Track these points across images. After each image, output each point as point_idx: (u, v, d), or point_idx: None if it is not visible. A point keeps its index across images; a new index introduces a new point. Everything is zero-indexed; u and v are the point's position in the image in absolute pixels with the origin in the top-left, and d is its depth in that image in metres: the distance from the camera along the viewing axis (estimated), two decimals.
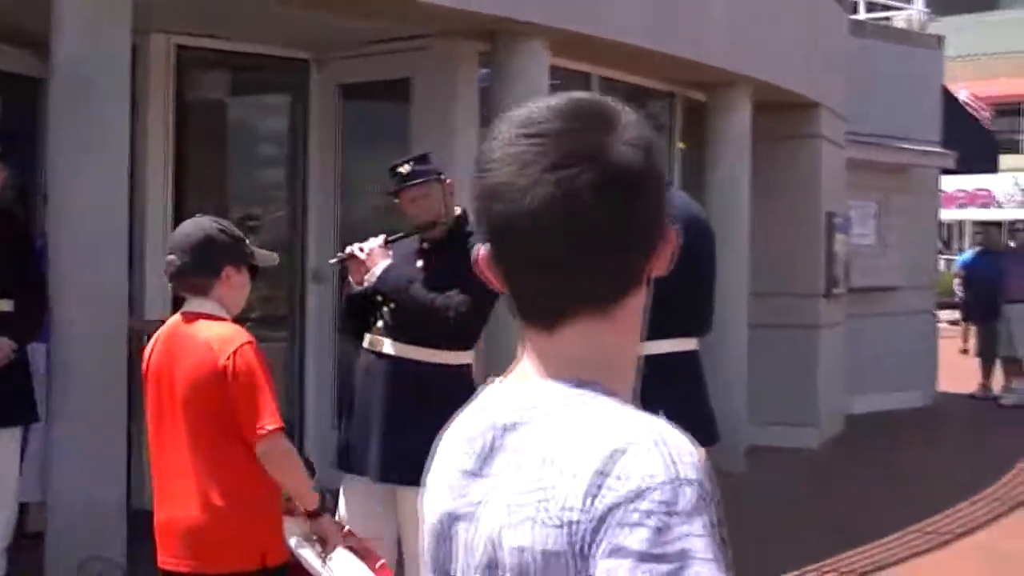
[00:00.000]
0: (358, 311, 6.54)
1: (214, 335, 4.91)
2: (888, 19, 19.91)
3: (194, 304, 5.04)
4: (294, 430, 10.08)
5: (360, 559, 5.37)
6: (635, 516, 1.56)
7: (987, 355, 18.49)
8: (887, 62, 16.83)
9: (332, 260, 6.68)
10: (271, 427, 4.81)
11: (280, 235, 11.30)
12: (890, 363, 16.60)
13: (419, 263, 6.45)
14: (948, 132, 18.18)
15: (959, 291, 20.64)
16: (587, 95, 1.81)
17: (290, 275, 11.14)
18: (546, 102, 1.77)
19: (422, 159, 6.53)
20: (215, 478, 4.89)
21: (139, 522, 7.68)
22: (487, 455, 1.77)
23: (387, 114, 11.68)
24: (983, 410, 17.65)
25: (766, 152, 13.34)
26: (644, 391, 5.81)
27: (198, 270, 5.00)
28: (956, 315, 22.82)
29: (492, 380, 1.86)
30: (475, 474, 1.78)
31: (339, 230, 11.18)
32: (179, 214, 10.01)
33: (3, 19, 8.71)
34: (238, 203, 11.41)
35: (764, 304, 13.37)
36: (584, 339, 1.76)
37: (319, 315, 11.29)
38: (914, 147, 17.21)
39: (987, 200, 47.56)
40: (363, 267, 6.37)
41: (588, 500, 1.60)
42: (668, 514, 1.56)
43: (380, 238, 6.45)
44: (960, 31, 37.52)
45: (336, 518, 5.86)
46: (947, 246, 41.23)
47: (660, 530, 1.55)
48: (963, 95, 30.59)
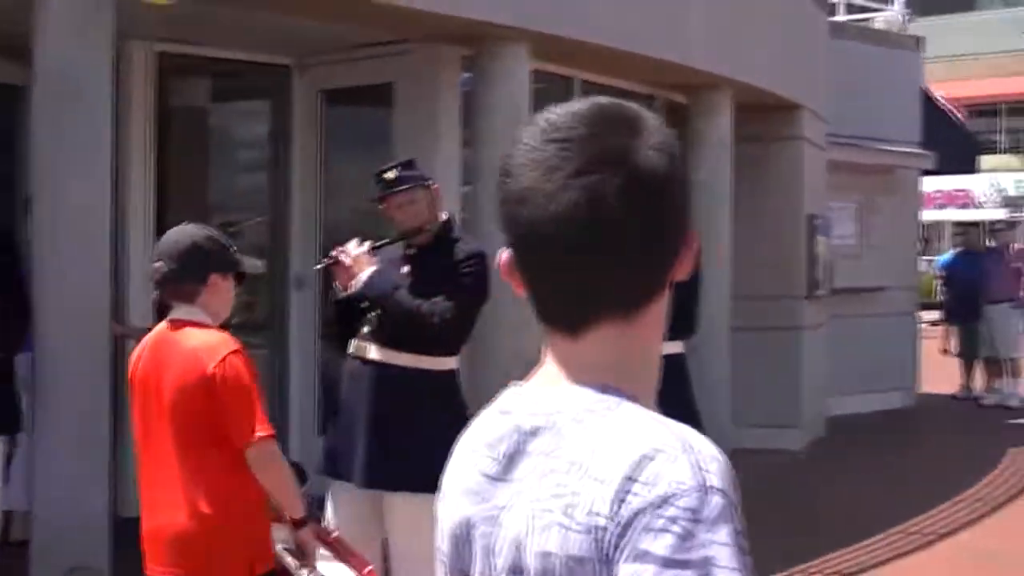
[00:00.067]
0: (343, 317, 6.53)
1: (201, 343, 4.91)
2: (867, 21, 19.96)
3: (181, 311, 5.03)
4: (277, 436, 10.04)
5: (348, 565, 5.37)
6: (661, 522, 1.57)
7: (968, 356, 18.52)
8: (867, 64, 16.87)
9: (317, 265, 6.68)
10: (261, 434, 4.81)
11: (262, 241, 11.27)
12: (872, 364, 16.63)
13: (405, 269, 6.44)
14: (927, 133, 18.23)
15: (940, 292, 20.69)
16: (610, 100, 1.80)
17: (272, 281, 11.12)
18: (570, 107, 1.77)
19: (408, 165, 6.52)
20: (202, 486, 4.88)
21: (124, 530, 7.70)
22: (510, 460, 1.76)
23: (369, 119, 11.68)
24: (964, 411, 17.70)
25: (747, 154, 13.36)
26: None
27: (185, 277, 5.00)
28: (937, 316, 22.87)
29: (512, 384, 1.86)
30: (498, 479, 1.77)
31: (322, 236, 11.16)
32: (161, 221, 10.00)
33: None
34: (220, 209, 11.39)
35: (746, 306, 13.38)
36: (608, 344, 1.75)
37: (301, 321, 11.27)
38: (894, 148, 17.25)
39: (966, 201, 47.73)
40: (349, 273, 6.36)
41: (615, 506, 1.60)
42: (694, 521, 1.57)
43: (366, 244, 6.44)
44: (936, 32, 37.59)
45: (323, 523, 5.86)
46: (927, 247, 41.28)
47: (685, 536, 1.56)
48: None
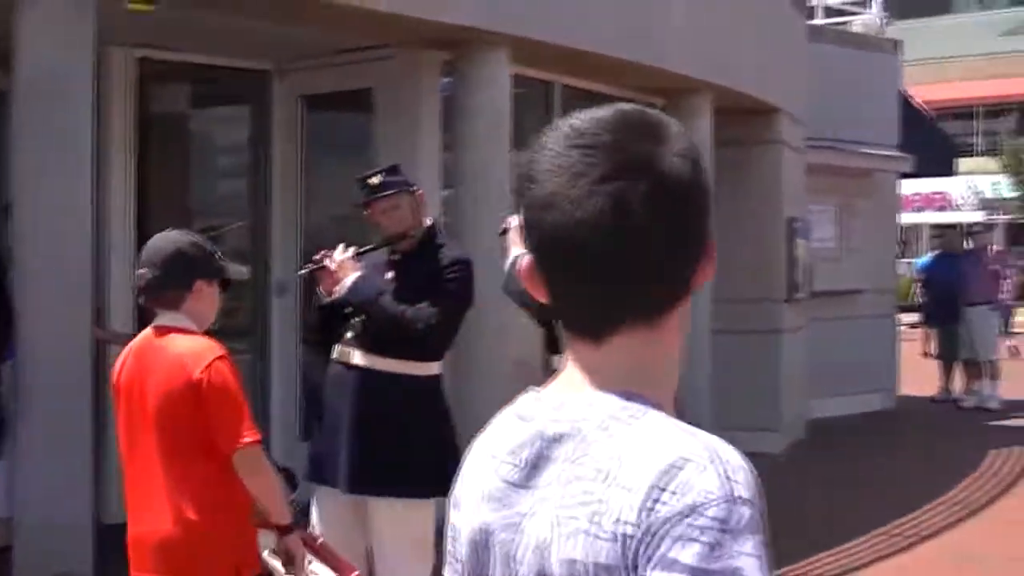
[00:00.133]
0: (327, 322, 6.53)
1: (187, 349, 4.90)
2: (846, 24, 20.01)
3: (166, 318, 5.03)
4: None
5: (334, 571, 5.37)
6: (689, 531, 1.57)
7: (947, 358, 18.57)
8: (845, 67, 16.92)
9: (302, 270, 6.67)
10: (248, 439, 4.81)
11: (243, 247, 11.26)
12: (851, 367, 16.67)
13: (389, 274, 6.45)
14: (906, 136, 18.29)
15: (919, 295, 20.75)
16: (633, 107, 1.80)
17: (253, 287, 11.11)
18: (594, 114, 1.77)
19: (392, 170, 6.52)
20: (188, 492, 4.87)
21: (107, 537, 7.68)
22: (533, 466, 1.75)
23: (350, 124, 11.68)
24: (944, 413, 17.74)
25: (727, 158, 13.36)
26: None
27: (170, 284, 4.99)
28: (916, 318, 22.94)
29: (530, 390, 1.85)
30: (520, 485, 1.76)
31: (303, 242, 11.16)
32: (142, 226, 9.98)
33: None
34: (201, 215, 11.38)
35: (726, 309, 13.39)
36: (632, 351, 1.75)
37: (283, 327, 11.25)
38: (873, 151, 17.30)
39: (943, 203, 47.90)
40: (333, 278, 6.36)
41: (643, 514, 1.60)
42: (722, 531, 1.57)
43: (351, 249, 6.44)
44: (913, 35, 37.72)
45: (309, 529, 5.86)
46: (905, 249, 41.40)
47: (713, 546, 1.56)
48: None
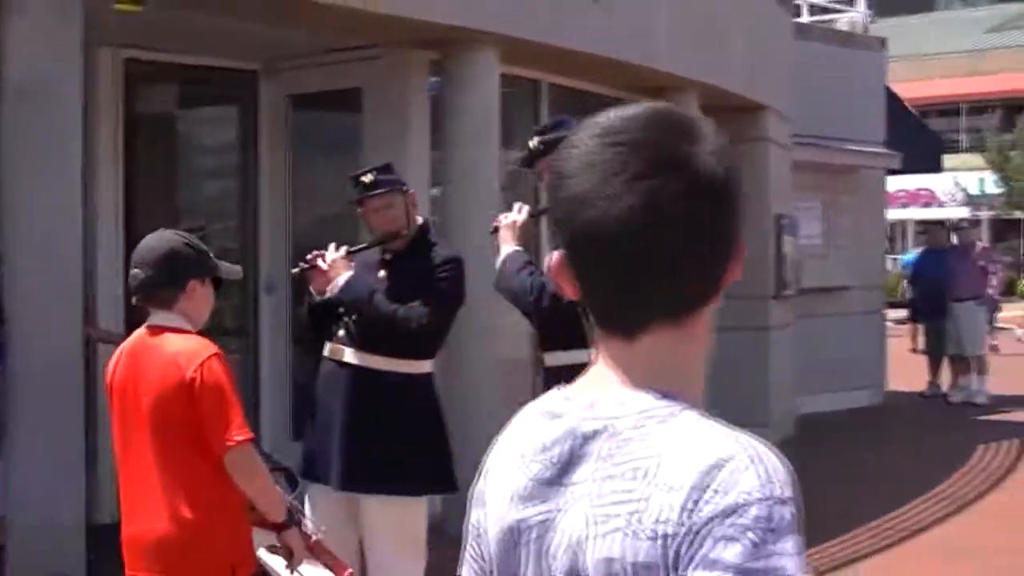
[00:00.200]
0: (319, 321, 6.54)
1: (180, 348, 4.90)
2: (831, 22, 20.03)
3: (159, 317, 5.03)
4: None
5: (328, 569, 5.38)
6: (732, 531, 1.58)
7: (935, 353, 18.60)
8: (831, 64, 16.95)
9: (294, 269, 6.68)
10: (239, 438, 4.81)
11: (232, 246, 11.25)
12: (840, 363, 16.69)
13: (381, 273, 6.46)
14: (892, 133, 18.32)
15: (907, 290, 20.80)
16: (665, 105, 1.81)
17: (242, 286, 11.09)
18: (625, 112, 1.78)
19: (385, 169, 6.53)
20: (183, 491, 4.87)
21: (99, 537, 7.68)
22: (566, 464, 1.75)
23: (338, 124, 11.69)
24: (932, 408, 17.77)
25: None
26: None
27: (163, 283, 4.99)
28: (903, 314, 22.98)
29: (558, 387, 1.85)
30: (552, 483, 1.76)
31: (291, 241, 11.17)
32: (130, 226, 9.99)
33: None
34: (189, 215, 11.36)
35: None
36: (663, 349, 1.76)
37: (272, 326, 11.27)
38: (859, 148, 17.33)
39: (929, 199, 47.99)
40: (325, 277, 6.37)
41: (685, 514, 1.60)
42: (765, 531, 1.58)
43: (343, 249, 6.45)
44: (897, 32, 37.78)
45: (304, 526, 5.86)
46: (891, 246, 41.49)
47: (757, 545, 1.57)
48: None
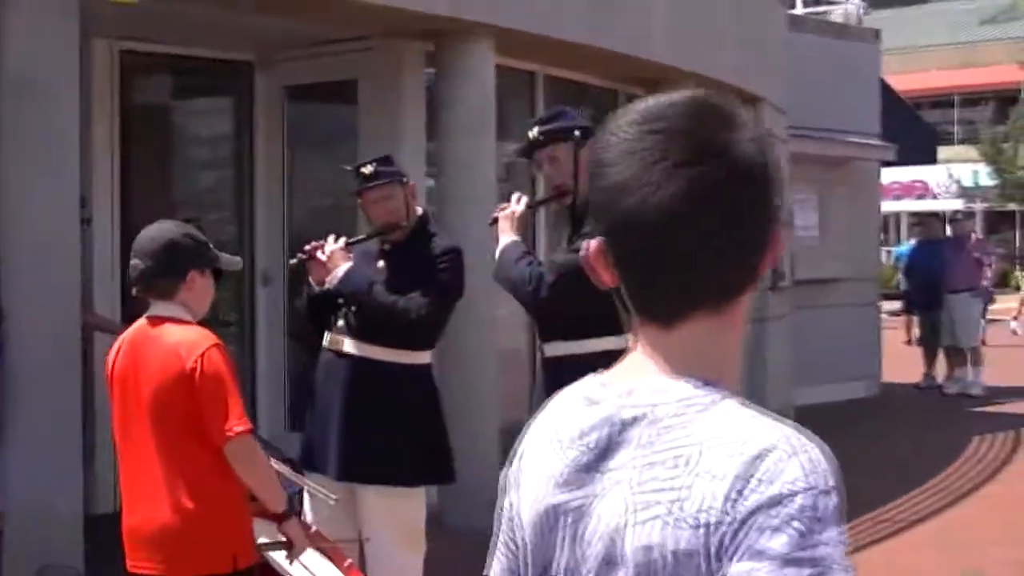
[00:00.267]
0: (318, 311, 6.54)
1: (181, 339, 4.90)
2: (825, 14, 20.05)
3: (159, 308, 5.02)
4: None
5: (328, 559, 5.38)
6: (778, 520, 1.58)
7: (930, 345, 18.62)
8: (825, 56, 16.96)
9: (292, 260, 6.67)
10: (239, 429, 4.81)
11: (228, 238, 11.24)
12: (835, 354, 16.71)
13: (380, 263, 6.46)
14: (886, 125, 18.33)
15: (902, 282, 20.83)
16: (704, 92, 1.81)
17: (239, 278, 11.08)
18: (664, 99, 1.78)
19: (385, 160, 6.52)
20: (184, 481, 4.87)
21: (96, 528, 7.68)
22: (605, 449, 1.75)
23: (334, 116, 11.68)
24: (927, 400, 17.80)
25: None
26: None
27: (163, 274, 4.98)
28: (897, 306, 23.01)
29: (594, 374, 1.85)
30: (590, 468, 1.76)
31: (287, 232, 11.17)
32: (126, 218, 9.98)
33: None
34: (185, 206, 11.35)
35: None
36: (702, 336, 1.76)
37: (269, 317, 11.27)
38: (854, 140, 17.34)
39: (923, 191, 48.02)
40: (324, 268, 6.37)
41: (728, 503, 1.60)
42: (811, 520, 1.58)
43: (342, 240, 6.44)
44: (890, 24, 37.80)
45: (302, 517, 5.87)
46: (884, 238, 41.52)
47: (803, 535, 1.57)
48: None
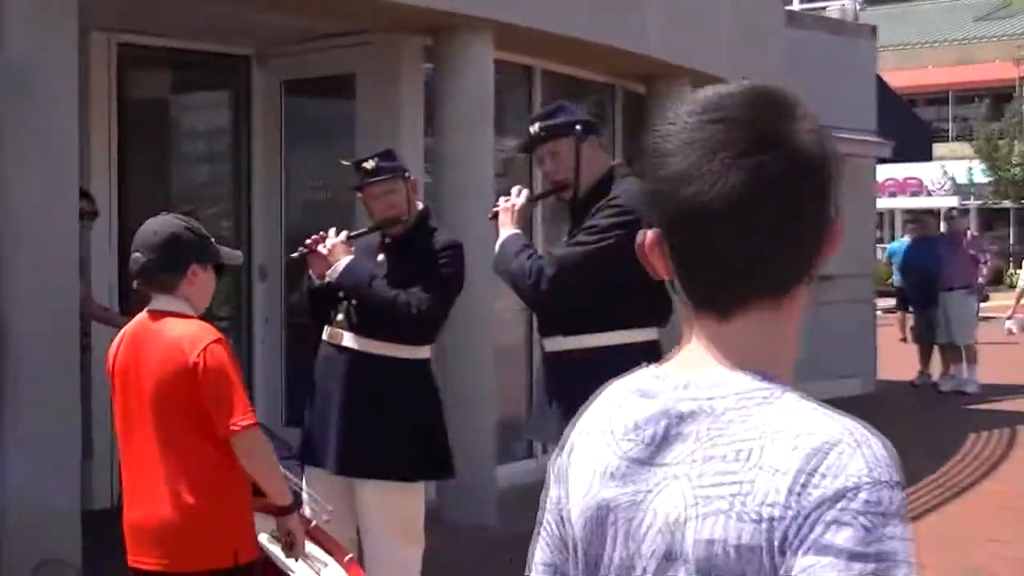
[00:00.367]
0: (319, 305, 6.53)
1: (183, 333, 4.89)
2: (821, 10, 20.05)
3: (160, 302, 5.02)
4: None
5: (328, 553, 5.38)
6: (842, 515, 1.58)
7: (925, 342, 18.63)
8: (822, 52, 16.96)
9: (293, 254, 6.67)
10: (245, 423, 4.81)
11: (225, 232, 11.23)
12: (831, 351, 16.70)
13: (380, 258, 6.46)
14: (882, 121, 18.33)
15: (897, 279, 20.86)
16: (762, 83, 1.81)
17: (236, 272, 11.07)
18: (723, 88, 1.78)
19: (386, 155, 6.52)
20: (185, 476, 4.87)
21: (94, 524, 7.68)
22: (660, 444, 1.74)
23: (331, 110, 11.67)
24: (923, 397, 17.81)
25: None
26: (609, 380, 5.81)
27: (164, 268, 4.98)
28: (891, 303, 23.03)
29: (645, 366, 1.84)
30: (645, 462, 1.75)
31: (284, 227, 11.17)
32: (123, 212, 9.97)
33: None
34: (182, 200, 11.31)
35: None
36: (759, 328, 1.75)
37: (266, 312, 11.26)
38: (850, 136, 17.33)
39: (917, 188, 48.08)
40: (324, 262, 6.37)
41: (792, 497, 1.60)
42: (876, 515, 1.58)
43: (343, 233, 6.44)
44: (886, 21, 37.83)
45: (301, 512, 5.86)
46: (879, 235, 41.56)
47: (869, 530, 1.57)
48: None
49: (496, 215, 6.17)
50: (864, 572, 1.55)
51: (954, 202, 42.86)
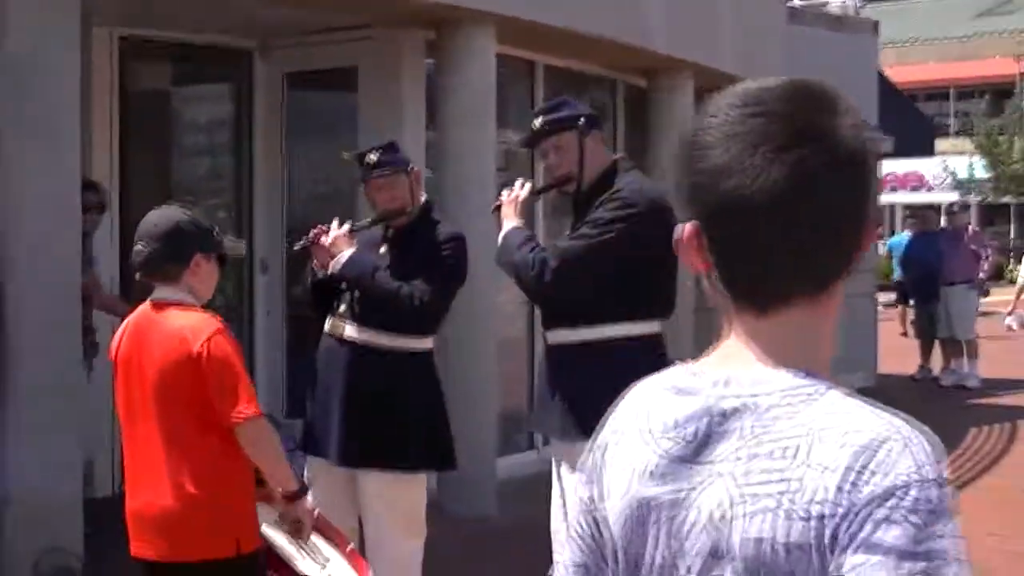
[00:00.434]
0: (321, 296, 6.54)
1: (186, 323, 4.90)
2: (823, 5, 20.06)
3: (163, 292, 5.03)
4: None
5: (330, 544, 5.38)
6: (893, 513, 1.58)
7: (926, 337, 18.62)
8: (823, 48, 16.94)
9: (296, 246, 6.67)
10: (250, 412, 4.82)
11: (226, 224, 11.24)
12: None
13: (382, 249, 6.46)
14: (883, 117, 18.31)
15: (898, 273, 20.86)
16: (801, 78, 1.80)
17: (237, 264, 11.08)
18: (764, 83, 1.78)
19: (389, 148, 6.52)
20: (188, 465, 4.88)
21: (96, 512, 7.69)
22: (703, 441, 1.73)
23: (334, 103, 11.67)
24: (924, 391, 17.79)
25: None
26: (612, 373, 5.83)
27: (168, 258, 4.99)
28: (892, 297, 23.02)
29: (679, 362, 1.84)
30: (688, 460, 1.74)
31: (285, 219, 11.17)
32: (124, 205, 9.97)
33: None
34: (184, 193, 11.31)
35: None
36: (799, 323, 1.75)
37: (267, 304, 11.27)
38: None
39: (918, 183, 48.06)
40: (327, 253, 6.37)
41: (842, 494, 1.60)
42: (926, 512, 1.58)
43: (346, 225, 6.45)
44: (887, 16, 37.79)
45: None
46: (881, 229, 41.50)
47: (921, 528, 1.57)
48: None
49: (499, 208, 6.17)
50: (914, 571, 1.55)
51: (955, 197, 42.83)
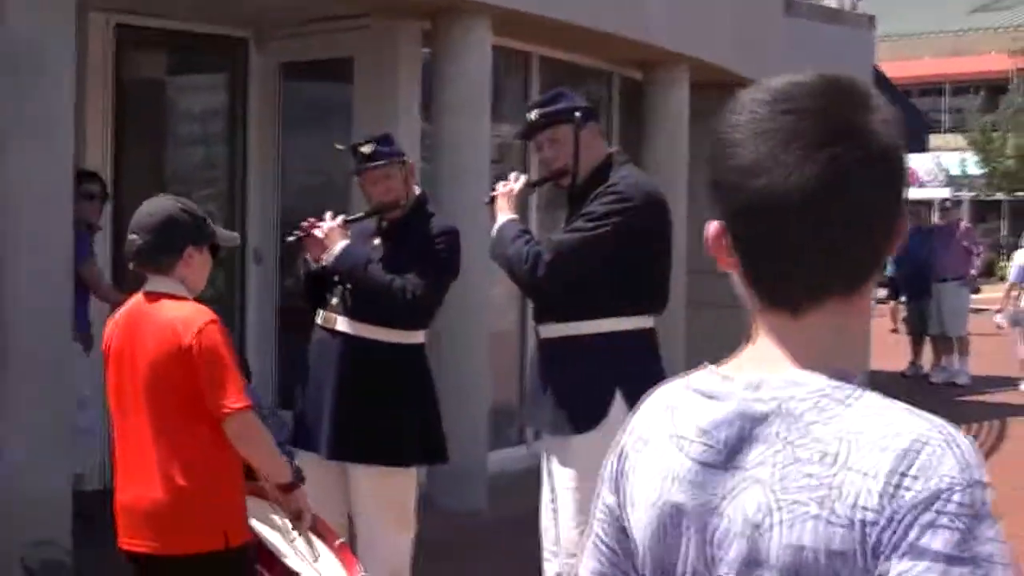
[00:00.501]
0: (314, 289, 6.52)
1: (178, 315, 4.88)
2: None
3: (156, 283, 5.01)
4: None
5: (319, 538, 5.37)
6: (938, 518, 1.55)
7: (917, 333, 18.64)
8: (820, 42, 16.92)
9: (289, 237, 6.65)
10: (238, 405, 4.79)
11: (220, 215, 11.20)
12: None
13: (376, 242, 6.44)
14: None
15: (889, 269, 20.87)
16: (833, 73, 1.76)
17: (230, 256, 11.04)
18: (794, 78, 1.74)
19: (384, 140, 6.50)
20: (178, 458, 4.86)
21: (85, 504, 7.67)
22: (735, 447, 1.69)
23: (329, 94, 11.64)
24: (914, 388, 17.77)
25: (702, 131, 13.34)
26: (604, 368, 5.77)
27: (160, 249, 4.96)
28: (882, 293, 23.02)
29: (705, 366, 1.80)
30: (720, 466, 1.70)
31: (279, 210, 11.15)
32: (118, 194, 9.94)
33: None
34: (177, 183, 11.28)
35: (700, 282, 13.41)
36: (832, 324, 1.72)
37: (260, 296, 11.25)
38: None
39: (911, 179, 48.06)
40: (320, 245, 6.35)
41: (885, 500, 1.57)
42: (973, 517, 1.55)
43: (339, 218, 6.43)
44: (882, 11, 37.77)
45: None
46: None
47: (967, 532, 1.54)
48: None
49: (493, 200, 6.16)
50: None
51: (947, 193, 42.86)
